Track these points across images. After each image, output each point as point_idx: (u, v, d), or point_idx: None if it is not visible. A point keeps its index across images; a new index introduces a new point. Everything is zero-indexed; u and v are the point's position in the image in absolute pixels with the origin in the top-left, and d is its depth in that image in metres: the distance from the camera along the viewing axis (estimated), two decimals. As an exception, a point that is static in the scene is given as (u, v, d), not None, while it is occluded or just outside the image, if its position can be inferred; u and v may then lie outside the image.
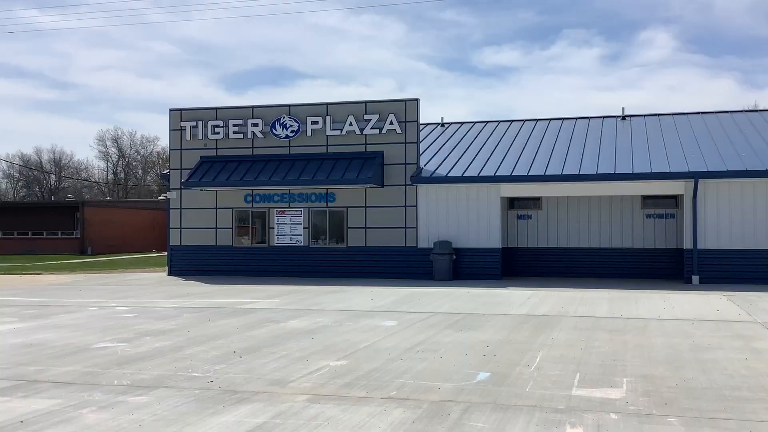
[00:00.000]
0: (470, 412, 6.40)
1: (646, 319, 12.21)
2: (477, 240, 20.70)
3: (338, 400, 6.86)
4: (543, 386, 7.36)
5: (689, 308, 13.71)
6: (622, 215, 21.91)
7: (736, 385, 7.35)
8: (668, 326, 11.42)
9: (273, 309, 14.06)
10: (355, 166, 21.43)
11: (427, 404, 6.68)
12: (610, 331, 10.97)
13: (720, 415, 6.29)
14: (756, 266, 18.58)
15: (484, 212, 20.64)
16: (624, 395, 6.99)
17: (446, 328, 11.37)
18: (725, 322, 11.89)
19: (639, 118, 25.15)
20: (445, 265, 20.35)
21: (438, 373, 7.98)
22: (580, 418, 6.20)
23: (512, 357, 8.91)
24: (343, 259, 21.78)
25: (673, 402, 6.72)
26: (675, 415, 6.28)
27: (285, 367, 8.44)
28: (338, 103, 22.33)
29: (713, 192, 18.99)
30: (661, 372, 8.02)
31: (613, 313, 13.00)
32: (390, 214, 21.51)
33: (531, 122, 26.13)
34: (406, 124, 21.61)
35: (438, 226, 21.04)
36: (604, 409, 6.51)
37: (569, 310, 13.57)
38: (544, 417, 6.25)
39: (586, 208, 22.19)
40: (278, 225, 22.51)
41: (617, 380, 7.63)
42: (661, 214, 21.65)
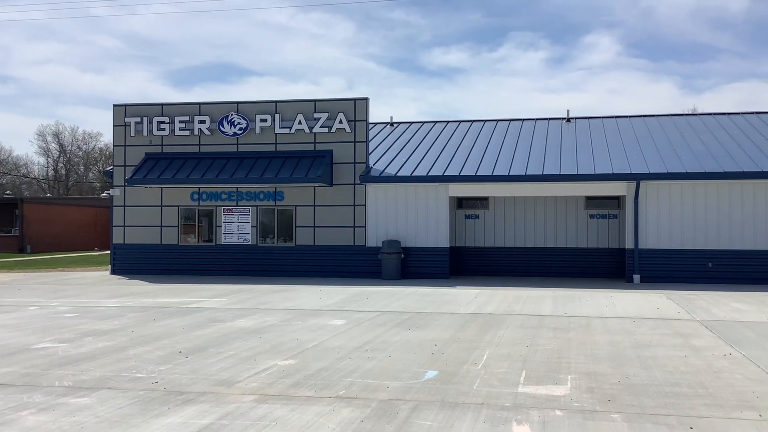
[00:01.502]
0: (418, 411, 6.43)
1: (589, 317, 12.47)
2: (425, 239, 20.83)
3: (286, 400, 6.82)
4: (490, 384, 7.44)
5: (631, 306, 14.05)
6: (567, 215, 22.35)
7: (676, 382, 7.56)
8: (611, 324, 11.68)
9: (220, 308, 13.88)
10: (304, 164, 21.33)
11: (375, 403, 6.69)
12: (555, 329, 11.17)
13: (661, 411, 6.46)
14: (694, 266, 19.17)
15: (433, 212, 20.78)
16: (568, 392, 7.11)
17: (394, 326, 11.41)
18: (665, 320, 12.22)
19: (583, 121, 25.67)
20: (393, 264, 20.41)
21: (386, 372, 8.00)
22: (526, 415, 6.29)
23: (460, 355, 8.99)
24: (292, 258, 21.66)
25: (615, 398, 6.87)
26: (618, 412, 6.42)
27: (232, 367, 8.34)
28: (287, 101, 22.18)
29: (654, 193, 19.51)
30: (604, 369, 8.19)
31: (557, 312, 13.24)
32: (339, 213, 21.47)
33: (479, 123, 26.42)
34: (356, 124, 21.60)
35: (387, 225, 21.10)
36: (550, 406, 6.62)
37: (515, 308, 13.77)
38: (491, 414, 6.32)
39: (532, 208, 22.56)
40: (225, 223, 22.24)
41: (562, 377, 7.77)
42: (604, 215, 22.16)
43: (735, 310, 13.50)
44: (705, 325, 11.62)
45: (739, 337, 10.40)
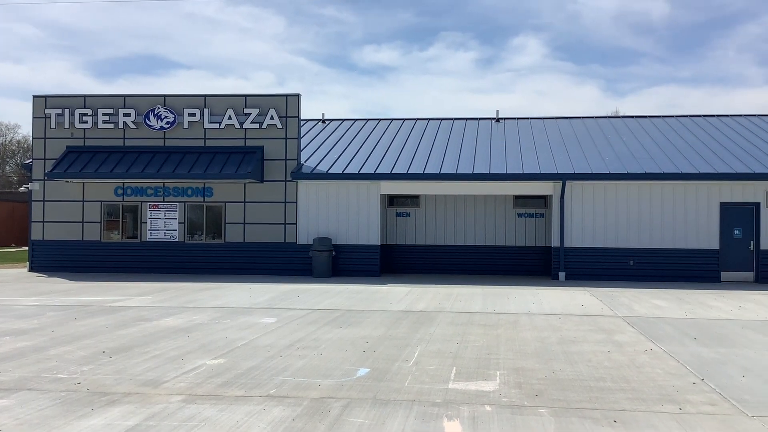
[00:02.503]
0: (350, 408, 6.41)
1: (517, 314, 12.71)
2: (357, 237, 20.83)
3: (215, 400, 6.69)
4: (421, 381, 7.49)
5: (557, 303, 14.40)
6: (496, 214, 22.73)
7: (600, 377, 7.78)
8: (538, 320, 11.94)
9: (145, 306, 13.52)
10: (234, 160, 21.00)
11: (307, 401, 6.63)
12: (484, 325, 11.34)
13: (586, 405, 6.63)
14: (617, 264, 19.80)
15: (364, 209, 20.80)
16: (498, 387, 7.23)
17: (326, 324, 11.36)
18: (589, 316, 12.58)
19: (512, 121, 26.16)
20: (324, 261, 20.33)
21: (318, 370, 7.95)
22: (456, 411, 6.36)
23: (391, 352, 9.02)
24: (221, 255, 21.30)
25: (543, 393, 7.02)
26: (545, 406, 6.56)
27: (159, 366, 8.13)
28: (217, 96, 21.78)
29: (579, 193, 20.05)
30: (531, 364, 8.36)
31: (486, 309, 13.44)
32: (269, 209, 21.24)
33: (411, 121, 26.58)
34: (287, 120, 21.40)
35: (318, 222, 20.99)
36: (479, 401, 6.71)
37: (446, 305, 13.91)
38: (423, 411, 6.36)
39: (462, 207, 22.85)
40: (151, 219, 21.69)
41: (491, 373, 7.89)
42: (531, 214, 22.64)
43: (655, 306, 14.00)
44: (627, 321, 12.00)
45: (659, 332, 10.79)
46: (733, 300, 15.13)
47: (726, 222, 19.61)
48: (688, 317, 12.49)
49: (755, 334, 10.67)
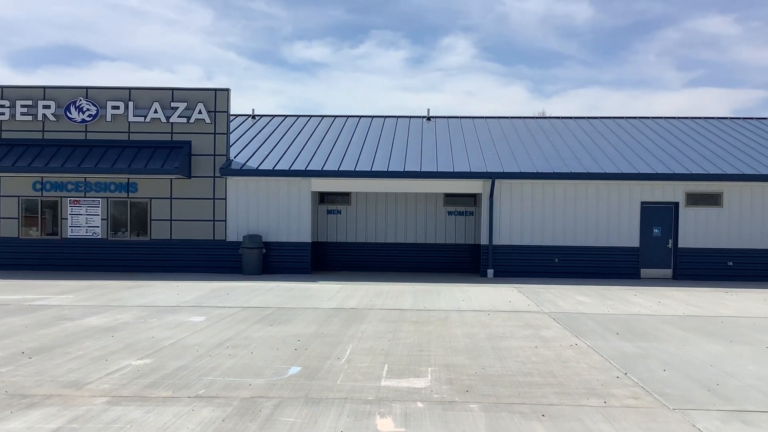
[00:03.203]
0: (282, 407, 6.34)
1: (447, 311, 12.85)
2: (287, 234, 20.65)
3: (141, 401, 6.50)
4: (353, 378, 7.47)
5: (485, 300, 14.62)
6: (427, 212, 22.93)
7: (528, 372, 7.94)
8: (467, 317, 12.10)
9: (67, 305, 13.04)
10: (161, 155, 20.48)
11: (237, 401, 6.52)
12: (416, 322, 11.41)
13: (515, 400, 6.75)
14: (543, 261, 20.27)
15: (295, 206, 20.63)
16: (429, 384, 7.28)
17: (256, 322, 11.21)
18: (517, 312, 12.82)
19: (443, 120, 26.43)
20: (254, 259, 20.07)
21: (249, 369, 7.84)
22: (389, 408, 6.37)
23: (323, 350, 8.97)
24: (147, 253, 20.75)
25: (473, 389, 7.11)
26: (475, 402, 6.64)
27: (82, 367, 7.85)
28: (142, 89, 21.19)
29: (507, 192, 20.42)
30: (461, 361, 8.46)
31: (417, 306, 13.54)
32: (198, 206, 20.81)
33: (342, 118, 26.53)
34: (216, 115, 21.01)
35: (248, 219, 20.71)
36: (411, 398, 6.74)
37: (377, 303, 13.94)
38: (355, 408, 6.34)
39: (393, 205, 22.95)
40: (72, 216, 20.94)
41: (423, 370, 7.94)
42: (461, 212, 22.93)
43: (579, 302, 14.39)
44: (553, 317, 12.29)
45: (583, 328, 11.09)
46: (653, 296, 15.70)
47: (646, 221, 20.34)
48: (610, 313, 12.89)
49: (674, 329, 11.09)
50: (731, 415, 6.32)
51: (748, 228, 20.04)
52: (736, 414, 6.37)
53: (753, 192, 20.07)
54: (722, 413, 6.39)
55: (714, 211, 20.12)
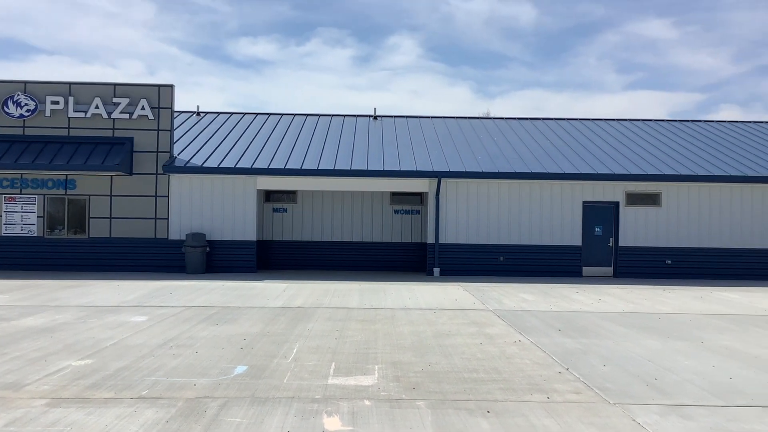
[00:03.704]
0: (228, 407, 6.27)
1: (394, 309, 12.90)
2: (232, 233, 20.41)
3: (82, 403, 6.34)
4: (300, 377, 7.44)
5: (431, 298, 14.74)
6: (373, 210, 22.98)
7: (474, 368, 8.03)
8: (413, 315, 12.17)
9: (2, 305, 12.61)
10: (101, 151, 20.00)
11: (182, 402, 6.42)
12: (362, 321, 11.42)
13: (461, 396, 6.82)
14: (488, 259, 20.53)
15: (240, 204, 20.41)
16: (376, 382, 7.30)
17: (201, 322, 11.05)
18: (462, 310, 12.95)
19: (389, 119, 26.52)
20: (198, 258, 19.78)
21: (193, 369, 7.72)
22: (336, 407, 6.37)
23: (269, 349, 8.90)
24: (86, 252, 20.23)
25: (420, 386, 7.16)
26: (422, 399, 6.69)
27: (19, 369, 7.61)
28: (83, 84, 20.64)
29: (453, 191, 20.62)
30: (408, 358, 8.51)
31: (364, 304, 13.55)
32: (139, 203, 20.39)
33: (288, 116, 26.37)
34: (159, 111, 20.62)
35: (191, 217, 20.39)
36: (359, 396, 6.75)
37: (324, 301, 13.90)
38: (302, 407, 6.32)
39: (340, 203, 22.92)
40: (7, 213, 20.27)
41: (370, 368, 7.95)
42: (407, 210, 23.05)
43: (523, 300, 14.63)
44: (497, 314, 12.46)
45: (527, 325, 11.28)
46: (594, 293, 16.07)
47: (588, 220, 20.80)
48: (553, 310, 13.14)
49: (614, 326, 11.38)
50: (669, 409, 6.52)
51: (685, 227, 20.68)
52: (674, 408, 6.57)
53: (689, 192, 20.72)
54: (661, 407, 6.58)
55: (653, 211, 20.70)
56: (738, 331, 11.00)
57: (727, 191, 20.71)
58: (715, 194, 20.71)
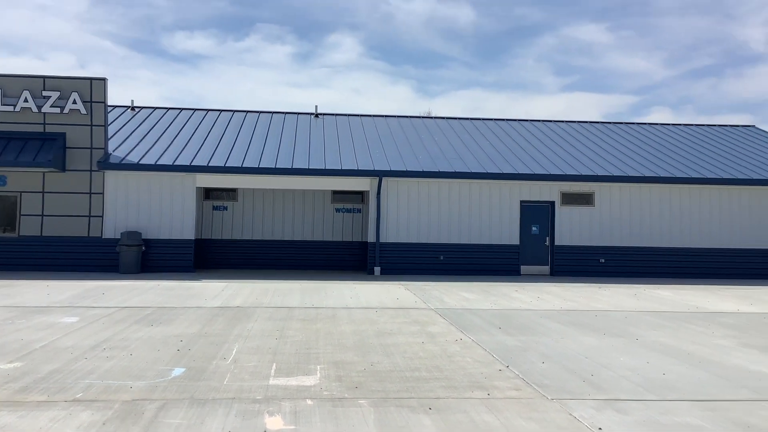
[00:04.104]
0: (166, 410, 6.12)
1: (335, 308, 12.85)
2: (169, 231, 19.99)
3: (14, 407, 6.10)
4: (241, 378, 7.33)
5: (373, 297, 14.74)
6: (315, 209, 22.86)
7: (416, 367, 8.06)
8: (355, 314, 12.14)
9: (-76, 307, 12.05)
10: (32, 147, 19.31)
11: (118, 404, 6.24)
12: (304, 320, 11.34)
13: (403, 394, 6.84)
14: (429, 258, 20.67)
15: (178, 202, 20.01)
16: (318, 381, 7.25)
17: (136, 323, 10.77)
18: (404, 309, 13.00)
19: (330, 117, 26.43)
20: (133, 257, 19.30)
21: (129, 371, 7.52)
22: (278, 407, 6.29)
23: (208, 350, 8.74)
24: (14, 250, 19.50)
25: (362, 385, 7.14)
26: (365, 398, 6.68)
27: (-58, 374, 7.27)
28: (11, 76, 19.89)
29: (394, 190, 20.68)
30: (350, 357, 8.48)
31: (305, 303, 13.46)
32: (72, 201, 19.77)
33: (228, 113, 26.00)
34: (92, 105, 20.03)
35: (127, 215, 19.89)
36: (301, 396, 6.69)
37: (264, 301, 13.75)
38: (243, 408, 6.23)
39: (281, 201, 22.72)
40: (-69, 210, 19.38)
41: (311, 367, 7.90)
42: (349, 209, 23.02)
43: (464, 299, 14.78)
44: (439, 313, 12.55)
45: (468, 323, 11.39)
46: (532, 292, 16.35)
47: (526, 219, 21.16)
48: (493, 308, 13.31)
49: (552, 323, 11.60)
50: (605, 404, 6.67)
51: (618, 226, 21.25)
52: (610, 402, 6.73)
53: (621, 192, 21.30)
54: (597, 402, 6.73)
55: (586, 210, 21.20)
56: (671, 328, 11.35)
57: (657, 191, 21.37)
58: (645, 194, 21.34)
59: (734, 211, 21.56)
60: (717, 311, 13.61)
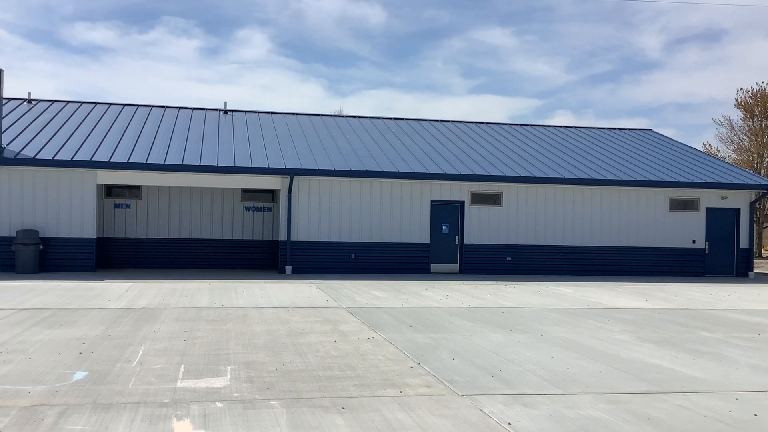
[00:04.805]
0: (68, 415, 5.85)
1: (245, 308, 12.65)
2: (69, 229, 19.16)
3: None
4: (147, 381, 7.10)
5: (284, 296, 14.60)
6: (224, 207, 22.43)
7: (328, 366, 8.03)
8: (266, 314, 11.99)
9: None
10: None
11: (15, 411, 5.92)
12: (213, 321, 11.10)
13: (316, 394, 6.79)
14: (341, 257, 20.66)
15: (77, 199, 19.20)
16: (228, 383, 7.11)
17: (34, 325, 10.26)
18: (316, 308, 12.94)
19: (240, 114, 25.99)
20: (30, 256, 18.39)
21: (27, 376, 7.15)
22: (186, 410, 6.13)
23: (112, 353, 8.42)
24: None
25: (274, 386, 7.05)
26: (276, 398, 6.59)
27: None
28: None
29: (306, 188, 20.56)
30: (262, 358, 8.36)
31: (214, 304, 13.19)
32: (-38, 197, 18.64)
33: (131, 107, 25.15)
34: (-14, 96, 18.97)
35: (23, 213, 18.93)
36: (210, 398, 6.54)
37: (171, 301, 13.38)
38: (150, 412, 6.03)
39: (188, 199, 22.17)
40: None
41: (221, 369, 7.74)
42: (259, 207, 22.71)
43: (375, 297, 14.85)
44: (351, 311, 12.56)
45: (379, 321, 11.45)
46: (442, 290, 16.60)
47: (436, 218, 21.49)
48: (404, 306, 13.44)
49: (461, 320, 11.81)
50: (513, 399, 6.84)
51: (524, 226, 21.88)
52: (517, 397, 6.90)
53: (528, 193, 21.94)
54: (505, 397, 6.89)
55: (495, 210, 21.72)
56: (573, 324, 11.77)
57: (561, 192, 22.13)
58: (550, 195, 22.06)
59: (632, 211, 22.58)
60: (615, 307, 14.22)
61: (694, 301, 15.69)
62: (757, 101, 35.10)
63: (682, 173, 23.34)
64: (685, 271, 22.64)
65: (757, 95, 35.16)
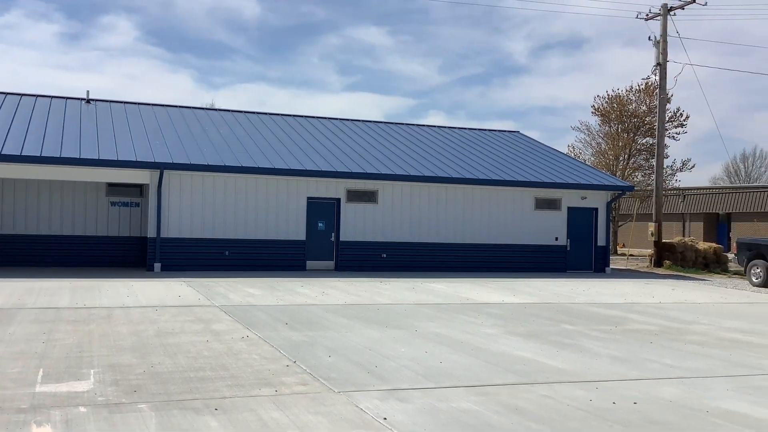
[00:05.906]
0: None
1: (110, 308, 12.07)
2: None
3: None
4: (2, 386, 6.63)
5: (153, 295, 14.04)
6: (87, 202, 21.24)
7: (200, 366, 7.80)
8: (133, 314, 11.49)
9: None
10: None
11: None
12: (75, 321, 10.51)
13: (187, 396, 6.58)
14: (213, 254, 20.12)
15: None
16: (92, 387, 6.77)
17: None
18: (187, 307, 12.54)
19: (104, 104, 24.72)
20: None
21: None
22: (47, 416, 5.78)
23: (-40, 358, 7.79)
24: None
25: (141, 388, 6.77)
26: (144, 401, 6.34)
27: None
28: None
29: (177, 183, 19.87)
30: (128, 360, 8.01)
31: (76, 303, 12.49)
32: None
33: (-17, 94, 23.36)
34: None
35: None
36: (72, 403, 6.20)
37: (28, 301, 12.54)
38: (7, 419, 5.63)
39: (47, 193, 20.83)
40: None
41: (84, 372, 7.35)
42: (126, 203, 21.70)
43: (249, 295, 14.58)
44: (224, 310, 12.26)
45: (254, 320, 11.26)
46: (318, 287, 16.55)
47: (312, 215, 21.38)
48: (279, 304, 13.29)
49: (337, 317, 11.82)
50: (388, 394, 6.92)
51: (399, 223, 22.21)
52: (393, 392, 6.99)
53: (402, 191, 22.29)
54: (381, 392, 6.97)
55: (370, 207, 21.91)
56: (445, 319, 12.07)
57: (435, 190, 22.65)
58: (424, 193, 22.52)
59: (501, 209, 23.45)
60: (484, 302, 14.72)
61: (557, 295, 16.51)
62: (613, 107, 37.30)
63: (546, 174, 24.50)
64: (549, 267, 23.77)
65: (614, 101, 37.37)
